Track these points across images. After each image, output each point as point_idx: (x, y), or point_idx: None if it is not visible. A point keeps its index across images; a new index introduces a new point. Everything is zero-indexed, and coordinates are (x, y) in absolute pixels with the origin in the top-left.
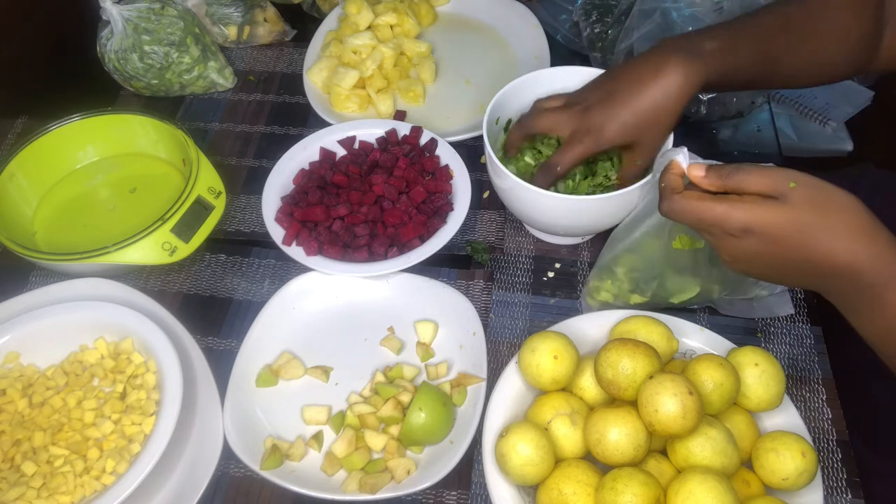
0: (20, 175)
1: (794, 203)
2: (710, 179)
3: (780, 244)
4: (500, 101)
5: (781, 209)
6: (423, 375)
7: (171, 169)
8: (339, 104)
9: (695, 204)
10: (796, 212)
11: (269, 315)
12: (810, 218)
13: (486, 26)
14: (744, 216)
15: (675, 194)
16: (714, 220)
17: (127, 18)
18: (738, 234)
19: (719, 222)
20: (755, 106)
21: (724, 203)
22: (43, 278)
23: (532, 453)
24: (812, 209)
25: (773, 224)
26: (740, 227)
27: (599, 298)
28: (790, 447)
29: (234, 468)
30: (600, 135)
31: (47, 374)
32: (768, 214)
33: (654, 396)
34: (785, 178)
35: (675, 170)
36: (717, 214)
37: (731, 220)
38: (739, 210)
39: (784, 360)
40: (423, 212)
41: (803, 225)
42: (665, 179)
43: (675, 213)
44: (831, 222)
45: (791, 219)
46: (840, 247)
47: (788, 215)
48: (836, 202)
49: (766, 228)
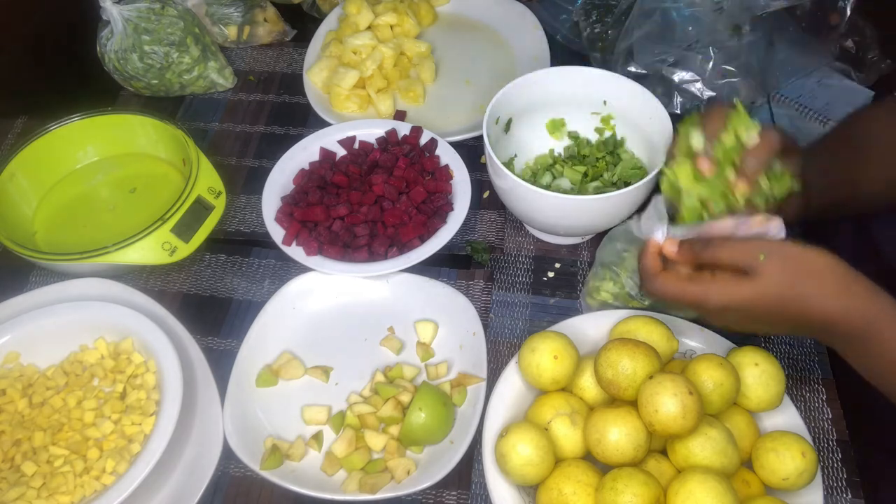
0: (20, 175)
1: (766, 276)
2: (684, 256)
3: (759, 315)
4: (500, 101)
5: (752, 286)
6: (423, 375)
7: (171, 169)
8: (339, 104)
9: (673, 286)
10: (769, 285)
11: (269, 315)
12: (783, 290)
13: (486, 26)
14: (718, 299)
15: (653, 276)
16: (692, 302)
17: (127, 18)
18: (716, 313)
19: (697, 304)
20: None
21: (699, 285)
22: (43, 278)
23: (532, 453)
24: (784, 279)
25: (747, 301)
26: (718, 308)
27: (599, 298)
28: (790, 447)
29: (234, 468)
30: None
31: (47, 374)
32: (741, 293)
33: (654, 396)
34: (755, 251)
35: (652, 249)
36: (693, 297)
37: (709, 301)
38: (713, 293)
39: (784, 360)
40: (423, 212)
41: (776, 297)
42: (643, 261)
43: (656, 293)
44: (805, 288)
45: (763, 294)
46: (818, 309)
47: (760, 290)
48: (808, 267)
49: (742, 305)
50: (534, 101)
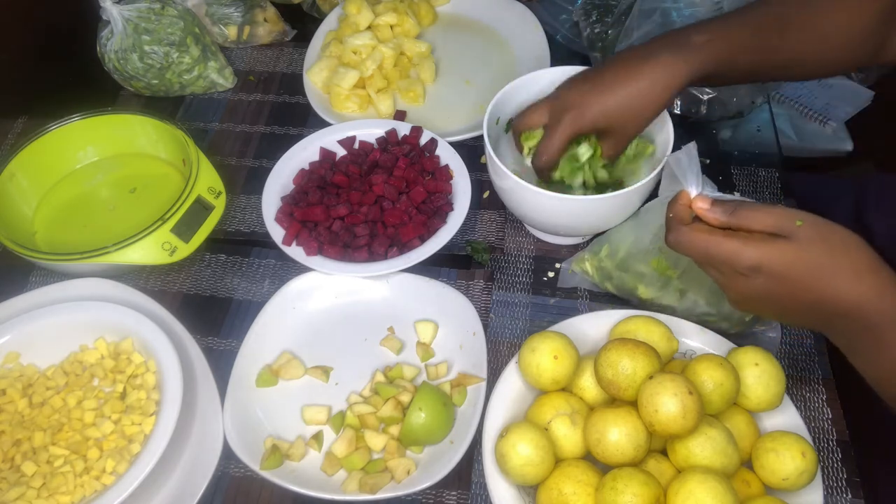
0: (20, 175)
1: (803, 242)
2: (715, 214)
3: (789, 284)
4: (500, 101)
5: (791, 248)
6: (423, 375)
7: (171, 169)
8: (339, 104)
9: (704, 238)
10: (805, 251)
11: (269, 315)
12: (819, 257)
13: (486, 26)
14: (754, 254)
15: (682, 226)
16: (724, 257)
17: (127, 18)
18: (746, 273)
19: (729, 259)
20: (755, 106)
21: (734, 239)
22: (43, 278)
23: (532, 453)
24: (820, 248)
25: (784, 263)
26: (750, 265)
27: (581, 267)
28: (790, 447)
29: (234, 468)
30: (578, 114)
31: (47, 374)
32: (779, 253)
33: (654, 396)
34: (791, 217)
35: (684, 200)
36: (726, 250)
37: (742, 257)
38: (750, 247)
39: (784, 360)
40: (423, 212)
41: (813, 265)
42: (673, 210)
43: (682, 245)
44: (838, 261)
45: (801, 258)
46: (846, 287)
47: (798, 254)
48: (842, 241)
49: (776, 267)
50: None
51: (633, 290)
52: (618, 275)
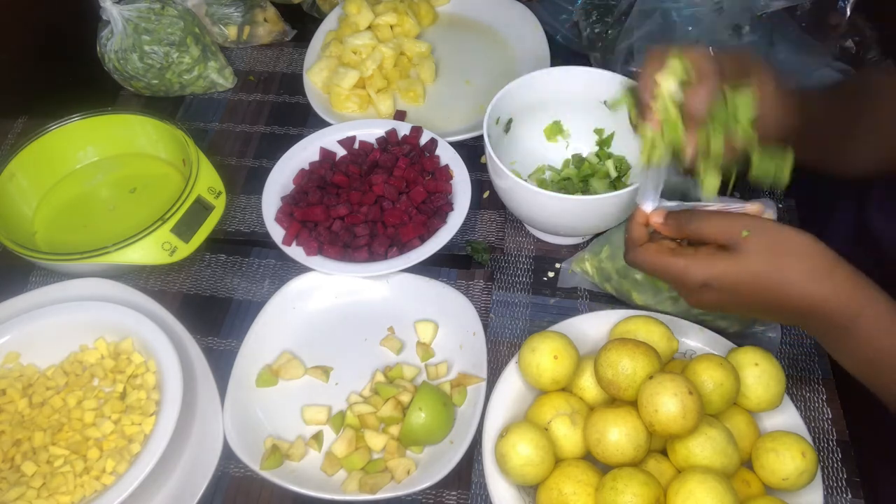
0: (20, 175)
1: (748, 253)
2: (669, 227)
3: (739, 294)
4: (500, 101)
5: (735, 261)
6: (423, 375)
7: (171, 169)
8: (339, 104)
9: (655, 258)
10: (750, 262)
11: (269, 315)
12: (764, 267)
13: (486, 26)
14: (699, 272)
15: (637, 247)
16: (674, 276)
17: (127, 18)
18: (696, 289)
19: (678, 278)
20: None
21: (682, 258)
22: (43, 278)
23: (532, 453)
24: (766, 258)
25: (728, 276)
26: (698, 283)
27: (581, 268)
28: (790, 447)
29: (234, 468)
30: None
31: (47, 374)
32: (723, 267)
33: (654, 396)
34: (738, 226)
35: (639, 219)
36: (676, 270)
37: (689, 275)
38: (695, 266)
39: (784, 360)
40: (423, 212)
41: (757, 275)
42: (629, 229)
43: (637, 264)
44: (788, 268)
45: (745, 270)
46: (798, 292)
47: (742, 266)
48: (790, 247)
49: (722, 282)
50: (534, 101)
51: (628, 295)
52: (616, 279)
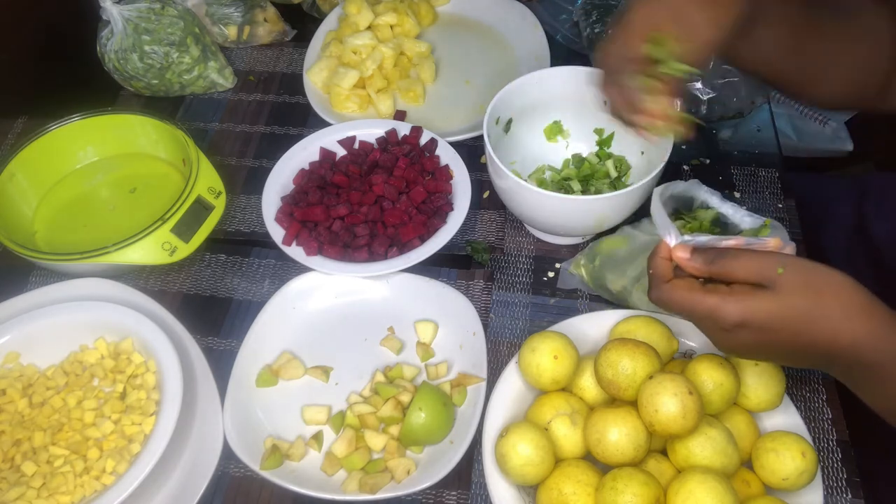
0: (20, 175)
1: (786, 290)
2: (696, 264)
3: (777, 334)
4: (500, 101)
5: (773, 298)
6: (423, 375)
7: (171, 169)
8: (339, 104)
9: (685, 295)
10: (789, 300)
11: (269, 315)
12: (804, 304)
13: (486, 26)
14: (736, 310)
15: (663, 283)
16: (705, 314)
17: (127, 18)
18: (730, 329)
19: (711, 316)
20: (755, 106)
21: (715, 296)
22: (43, 278)
23: (532, 453)
24: (804, 295)
25: (767, 316)
26: (734, 322)
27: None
28: (790, 447)
29: (234, 468)
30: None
31: (47, 374)
32: (761, 306)
33: (654, 396)
34: (773, 264)
35: (663, 253)
36: (708, 308)
37: (724, 314)
38: (731, 303)
39: None
40: (423, 212)
41: (798, 313)
42: (653, 265)
43: (663, 303)
44: (826, 306)
45: (784, 307)
46: (837, 330)
47: (781, 304)
48: (828, 283)
49: (760, 321)
50: (534, 102)
51: (624, 302)
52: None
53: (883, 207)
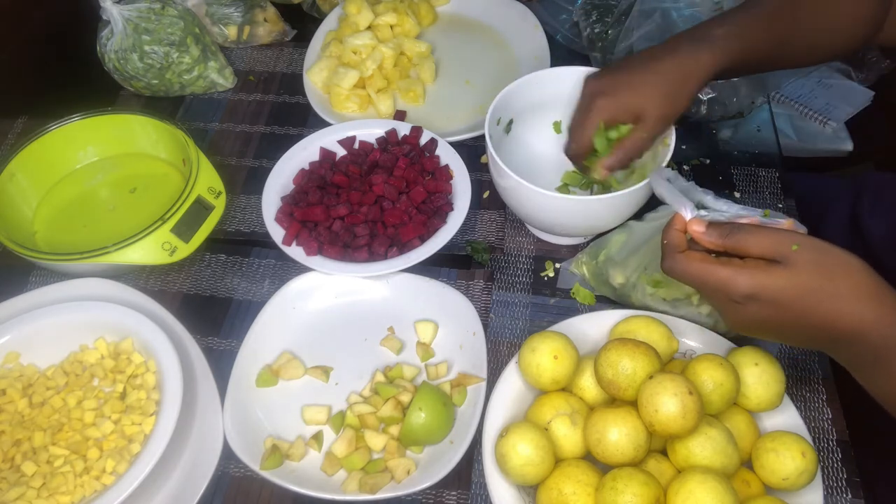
0: (20, 175)
1: (799, 267)
2: (711, 237)
3: (786, 310)
4: (501, 102)
5: (786, 274)
6: (423, 375)
7: (171, 169)
8: (339, 104)
9: (698, 266)
10: (801, 276)
11: (269, 315)
12: (816, 282)
13: (486, 26)
14: (748, 282)
15: (677, 253)
16: (717, 285)
17: (127, 18)
18: (741, 301)
19: (723, 287)
20: (755, 106)
21: (728, 267)
22: (43, 278)
23: (532, 453)
24: (817, 273)
25: (779, 290)
26: (745, 294)
27: (579, 271)
28: (790, 447)
29: (234, 468)
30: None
31: (47, 374)
32: (773, 280)
33: (654, 396)
34: (787, 241)
35: (678, 225)
36: (720, 279)
37: (736, 285)
38: (744, 275)
39: (784, 360)
40: (423, 212)
41: (809, 290)
42: (667, 236)
43: (676, 272)
44: (837, 286)
45: (796, 284)
46: (847, 310)
47: (794, 280)
48: (841, 264)
49: (771, 294)
50: (535, 102)
51: (626, 299)
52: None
53: (879, 206)
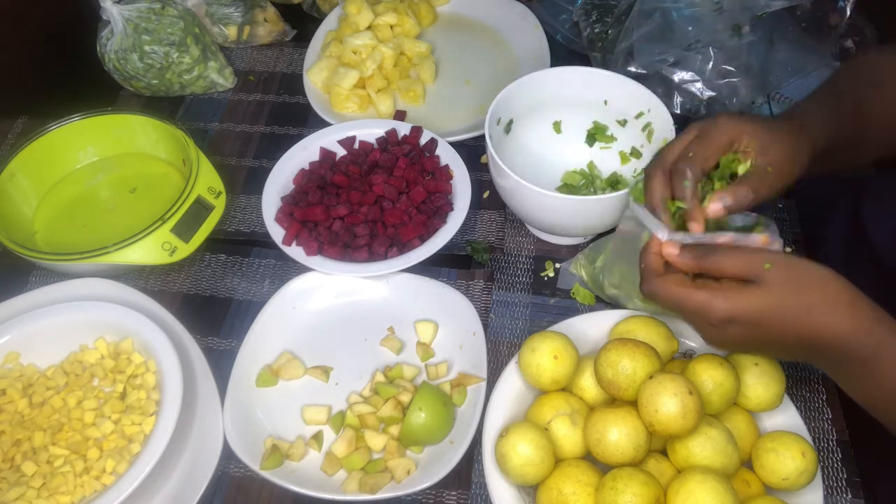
0: (20, 175)
1: (772, 285)
2: (685, 260)
3: (765, 329)
4: (502, 101)
5: (761, 293)
6: (423, 375)
7: (171, 169)
8: (339, 104)
9: (675, 290)
10: (775, 294)
11: (269, 315)
12: (790, 299)
13: (486, 26)
14: (725, 305)
15: (654, 277)
16: (695, 309)
17: (127, 18)
18: (718, 325)
19: (701, 312)
20: (755, 106)
21: (704, 291)
22: (43, 278)
23: (532, 453)
24: (791, 289)
25: (755, 311)
26: (722, 318)
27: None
28: (790, 447)
29: (234, 468)
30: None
31: (47, 374)
32: (749, 301)
33: (654, 396)
34: (759, 260)
35: (654, 248)
36: (698, 303)
37: (713, 309)
38: (719, 299)
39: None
40: (423, 212)
41: (784, 307)
42: (644, 259)
43: (655, 296)
44: (811, 299)
45: (771, 303)
46: (823, 322)
47: (768, 300)
48: (814, 278)
49: (748, 316)
50: (535, 102)
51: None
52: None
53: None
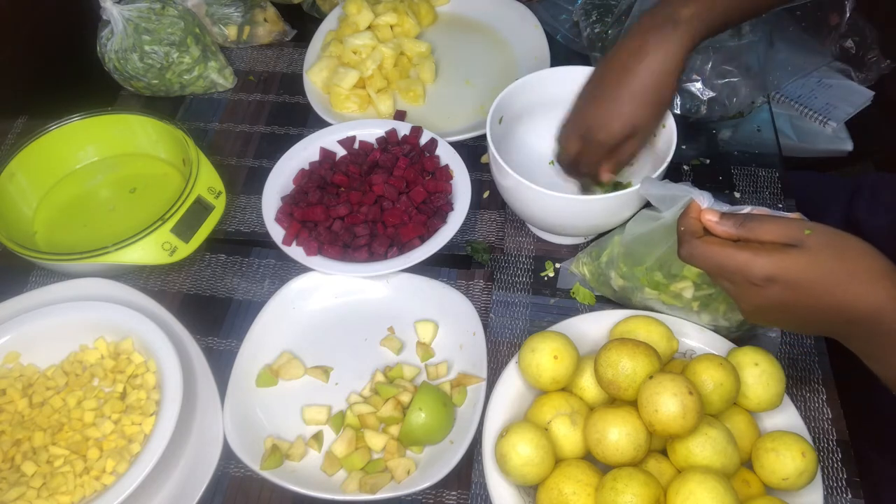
0: (20, 175)
1: (815, 250)
2: (724, 226)
3: (804, 291)
4: (502, 101)
5: (804, 256)
6: (423, 375)
7: (171, 169)
8: (339, 104)
9: (716, 250)
10: (818, 258)
11: (269, 315)
12: (833, 264)
13: (486, 26)
14: (767, 264)
15: (694, 239)
16: (736, 268)
17: (127, 18)
18: (761, 283)
19: (742, 270)
20: (755, 106)
21: (747, 251)
22: (43, 278)
23: (532, 453)
24: (833, 255)
25: (798, 271)
26: (764, 276)
27: (579, 271)
28: (790, 447)
29: (234, 468)
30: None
31: (47, 374)
32: (791, 261)
33: (654, 396)
34: (800, 226)
35: (694, 213)
36: (740, 262)
37: (755, 267)
38: (763, 258)
39: (784, 360)
40: (423, 212)
41: (827, 271)
42: (684, 223)
43: (695, 257)
44: (852, 267)
45: (813, 265)
46: (863, 291)
47: (811, 262)
48: (853, 247)
49: (790, 276)
50: (535, 102)
51: (627, 299)
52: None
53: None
